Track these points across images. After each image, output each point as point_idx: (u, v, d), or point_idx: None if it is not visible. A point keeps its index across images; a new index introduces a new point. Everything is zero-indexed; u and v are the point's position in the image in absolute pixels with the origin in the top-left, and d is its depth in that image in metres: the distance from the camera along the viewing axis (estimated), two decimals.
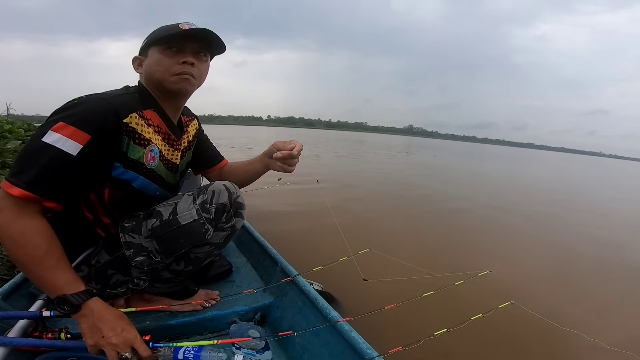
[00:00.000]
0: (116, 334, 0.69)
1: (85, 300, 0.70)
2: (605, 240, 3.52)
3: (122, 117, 0.76)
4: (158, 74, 0.83)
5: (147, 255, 0.85)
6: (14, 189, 0.65)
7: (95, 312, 0.70)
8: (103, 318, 0.70)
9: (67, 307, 0.69)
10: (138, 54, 0.89)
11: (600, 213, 5.27)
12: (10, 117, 6.21)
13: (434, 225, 3.64)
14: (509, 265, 2.58)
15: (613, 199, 7.49)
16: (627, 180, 14.50)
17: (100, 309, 0.71)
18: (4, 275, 1.31)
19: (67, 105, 0.72)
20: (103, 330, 0.69)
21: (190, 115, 1.07)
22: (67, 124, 0.68)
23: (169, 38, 0.82)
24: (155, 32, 0.84)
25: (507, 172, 12.26)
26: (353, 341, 0.83)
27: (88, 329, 0.70)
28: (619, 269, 2.71)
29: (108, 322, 0.70)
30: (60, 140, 0.68)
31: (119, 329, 0.70)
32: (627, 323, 1.85)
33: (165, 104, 0.89)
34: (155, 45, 0.83)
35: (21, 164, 0.68)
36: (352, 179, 6.39)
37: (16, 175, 0.66)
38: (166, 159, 0.92)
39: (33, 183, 0.66)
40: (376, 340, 0.86)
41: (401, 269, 1.70)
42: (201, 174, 1.23)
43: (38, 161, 0.67)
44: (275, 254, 1.31)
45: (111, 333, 0.69)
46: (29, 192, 0.66)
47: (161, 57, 0.83)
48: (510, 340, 1.57)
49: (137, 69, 0.89)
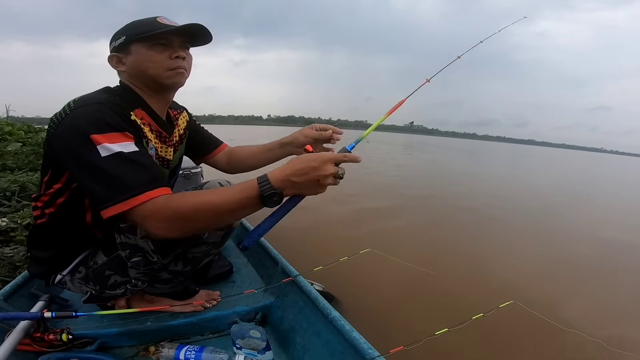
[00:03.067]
0: (322, 169, 0.68)
1: (271, 184, 0.68)
2: (610, 240, 3.51)
3: (127, 117, 0.76)
4: (151, 70, 0.82)
5: (143, 255, 0.84)
6: (138, 198, 0.65)
7: (287, 177, 0.68)
8: (299, 174, 0.68)
9: (275, 198, 0.68)
10: (112, 51, 0.84)
11: (608, 211, 5.27)
12: (10, 119, 6.22)
13: (446, 227, 3.64)
14: (510, 265, 2.58)
15: (622, 197, 7.47)
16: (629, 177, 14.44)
17: (284, 173, 0.69)
18: (5, 276, 1.31)
19: (69, 122, 0.70)
20: (313, 179, 0.69)
21: (179, 108, 1.05)
22: (99, 134, 0.67)
23: (157, 36, 0.80)
24: (136, 29, 0.81)
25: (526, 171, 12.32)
26: (354, 341, 0.83)
27: (308, 191, 0.71)
28: (623, 270, 2.70)
29: (306, 172, 0.69)
30: (115, 147, 0.67)
31: (315, 164, 0.69)
32: (629, 324, 1.84)
33: (153, 100, 0.88)
34: (139, 42, 0.81)
35: (113, 184, 0.66)
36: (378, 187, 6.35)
37: (123, 192, 0.65)
38: (160, 157, 0.91)
39: (143, 184, 0.66)
40: (377, 340, 0.86)
41: (401, 268, 1.70)
42: (203, 162, 1.19)
43: (123, 171, 0.66)
44: (276, 254, 1.31)
45: (320, 172, 0.68)
46: (153, 190, 0.66)
47: (151, 53, 0.81)
48: (511, 339, 1.57)
49: (117, 66, 0.85)
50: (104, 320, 0.95)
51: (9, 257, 1.44)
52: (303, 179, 0.69)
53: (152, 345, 0.93)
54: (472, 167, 12.28)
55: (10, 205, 2.02)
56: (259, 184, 0.68)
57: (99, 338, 0.91)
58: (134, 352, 0.93)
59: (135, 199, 0.65)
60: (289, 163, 0.71)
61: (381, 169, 8.29)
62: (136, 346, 0.95)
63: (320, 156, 0.70)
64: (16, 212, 1.88)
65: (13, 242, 1.59)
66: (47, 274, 0.89)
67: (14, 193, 2.18)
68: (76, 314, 0.83)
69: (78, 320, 0.93)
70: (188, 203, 0.67)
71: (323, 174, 0.69)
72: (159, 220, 0.66)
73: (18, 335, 0.79)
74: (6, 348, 0.75)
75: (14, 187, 2.25)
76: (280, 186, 0.68)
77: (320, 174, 0.69)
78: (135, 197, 0.65)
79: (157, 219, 0.66)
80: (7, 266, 1.39)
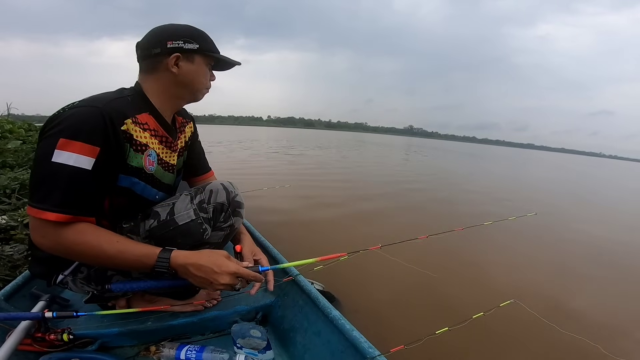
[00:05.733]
0: (221, 275, 0.75)
1: (169, 263, 0.74)
2: (614, 243, 3.50)
3: (118, 125, 0.74)
4: (199, 85, 0.89)
5: None
6: (46, 214, 0.66)
7: (187, 265, 0.75)
8: (200, 268, 0.75)
9: (166, 274, 0.75)
10: (177, 50, 0.81)
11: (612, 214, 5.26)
12: (11, 117, 6.20)
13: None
14: (512, 266, 2.58)
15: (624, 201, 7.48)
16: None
17: (187, 260, 0.75)
18: (6, 276, 1.31)
19: (59, 118, 0.70)
20: (208, 279, 0.74)
21: (187, 117, 1.06)
22: (69, 140, 0.67)
23: (218, 60, 0.90)
24: (207, 44, 0.86)
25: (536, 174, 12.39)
26: (355, 340, 0.83)
27: (198, 283, 0.76)
28: (625, 272, 2.68)
29: (206, 271, 0.75)
30: (71, 158, 0.67)
31: (217, 269, 0.75)
32: (628, 330, 1.83)
33: (167, 107, 0.89)
34: (203, 57, 0.87)
35: (41, 188, 0.68)
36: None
37: (42, 201, 0.67)
38: (164, 162, 0.91)
39: (63, 205, 0.67)
40: (378, 339, 0.86)
41: (401, 269, 1.69)
42: (188, 182, 1.14)
43: (58, 183, 0.67)
44: (277, 253, 1.31)
45: (216, 277, 0.75)
46: (63, 214, 0.67)
47: (205, 70, 0.89)
48: (510, 339, 1.57)
49: (173, 67, 0.83)
50: (105, 320, 0.95)
51: (9, 256, 1.44)
52: (199, 275, 0.75)
53: (153, 345, 0.93)
54: (476, 171, 12.34)
55: (10, 202, 2.02)
56: (158, 259, 0.74)
57: (99, 338, 0.91)
58: (135, 352, 0.93)
59: (39, 211, 0.67)
60: (199, 254, 0.77)
61: (381, 170, 8.31)
62: (137, 346, 0.95)
63: (226, 265, 0.76)
64: (16, 210, 1.88)
65: (13, 241, 1.59)
66: (49, 274, 0.88)
67: (14, 191, 2.18)
68: (77, 314, 0.83)
69: (79, 320, 0.93)
70: (80, 243, 0.70)
71: (219, 281, 0.75)
72: (42, 238, 0.69)
73: (19, 335, 0.79)
74: (7, 348, 0.75)
75: (14, 184, 2.25)
76: (176, 269, 0.75)
77: (216, 280, 0.75)
78: (39, 209, 0.67)
79: (42, 237, 0.69)
80: (7, 265, 1.39)
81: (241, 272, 0.78)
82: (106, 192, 0.78)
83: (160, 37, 0.82)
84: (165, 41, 0.82)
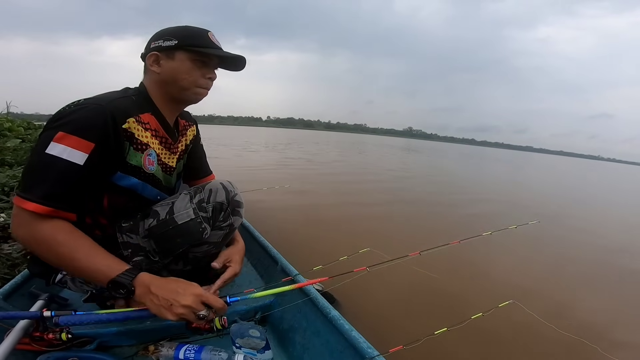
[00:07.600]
0: (183, 296, 0.69)
1: (135, 277, 0.70)
2: (613, 245, 3.50)
3: (119, 123, 0.74)
4: (185, 82, 0.83)
5: (145, 255, 0.84)
6: (28, 203, 0.66)
7: (150, 284, 0.70)
8: (162, 287, 0.70)
9: (122, 290, 0.68)
10: (155, 49, 0.82)
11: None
12: (10, 115, 6.20)
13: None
14: (512, 268, 2.59)
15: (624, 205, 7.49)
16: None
17: (153, 279, 0.71)
18: (5, 274, 1.31)
19: (62, 113, 0.71)
20: (169, 300, 0.68)
21: (190, 120, 1.06)
22: (67, 134, 0.68)
23: (207, 54, 0.82)
24: (190, 38, 0.81)
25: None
26: (353, 340, 0.83)
27: (155, 306, 0.69)
28: (625, 276, 2.68)
29: (169, 290, 0.70)
30: (65, 151, 0.67)
31: (181, 290, 0.70)
32: (628, 330, 1.84)
33: (167, 108, 0.88)
34: (186, 52, 0.81)
35: (30, 178, 0.68)
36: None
37: (28, 190, 0.67)
38: (163, 163, 0.91)
39: (46, 197, 0.67)
40: (377, 339, 0.86)
41: (401, 269, 1.69)
42: (189, 184, 1.13)
43: (47, 175, 0.67)
44: (276, 253, 1.31)
45: (178, 298, 0.68)
46: (44, 206, 0.66)
47: (192, 67, 0.83)
48: (509, 339, 1.57)
49: (152, 65, 0.83)
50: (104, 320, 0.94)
51: (7, 254, 1.43)
52: (160, 294, 0.69)
53: (152, 344, 0.93)
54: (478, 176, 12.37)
55: (9, 200, 2.02)
56: (125, 271, 0.69)
57: (98, 337, 0.91)
58: (133, 351, 0.93)
59: (22, 200, 0.66)
60: (167, 278, 0.73)
61: (380, 173, 8.31)
62: (135, 345, 0.95)
63: (192, 288, 0.72)
64: None
65: (11, 239, 1.59)
66: (48, 273, 0.88)
67: (12, 188, 2.18)
68: (75, 313, 0.82)
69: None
70: (51, 239, 0.68)
71: (180, 302, 0.68)
72: (17, 227, 0.68)
73: (17, 334, 0.79)
74: (5, 347, 0.75)
75: (13, 182, 2.25)
76: (137, 287, 0.69)
77: (177, 300, 0.68)
78: (22, 198, 0.66)
79: (17, 227, 0.68)
80: (6, 263, 1.39)
81: (207, 297, 0.72)
82: (98, 190, 0.78)
83: (150, 40, 0.85)
84: (150, 43, 0.84)
